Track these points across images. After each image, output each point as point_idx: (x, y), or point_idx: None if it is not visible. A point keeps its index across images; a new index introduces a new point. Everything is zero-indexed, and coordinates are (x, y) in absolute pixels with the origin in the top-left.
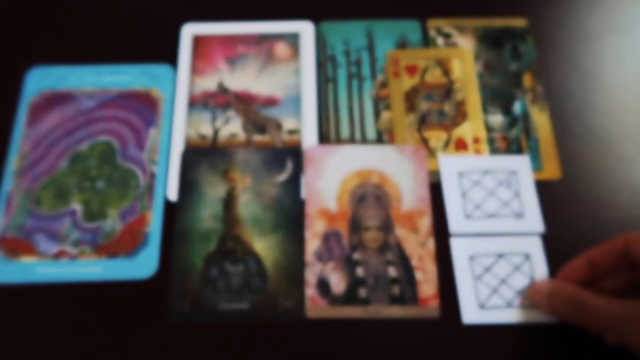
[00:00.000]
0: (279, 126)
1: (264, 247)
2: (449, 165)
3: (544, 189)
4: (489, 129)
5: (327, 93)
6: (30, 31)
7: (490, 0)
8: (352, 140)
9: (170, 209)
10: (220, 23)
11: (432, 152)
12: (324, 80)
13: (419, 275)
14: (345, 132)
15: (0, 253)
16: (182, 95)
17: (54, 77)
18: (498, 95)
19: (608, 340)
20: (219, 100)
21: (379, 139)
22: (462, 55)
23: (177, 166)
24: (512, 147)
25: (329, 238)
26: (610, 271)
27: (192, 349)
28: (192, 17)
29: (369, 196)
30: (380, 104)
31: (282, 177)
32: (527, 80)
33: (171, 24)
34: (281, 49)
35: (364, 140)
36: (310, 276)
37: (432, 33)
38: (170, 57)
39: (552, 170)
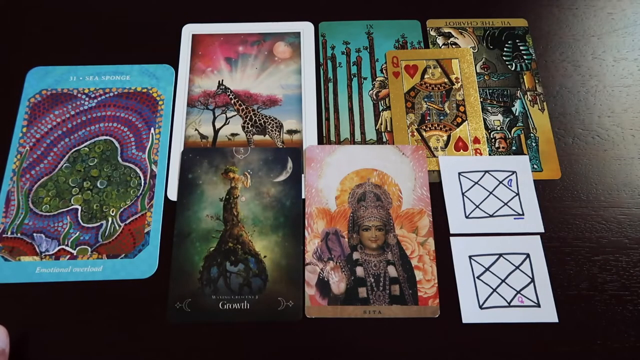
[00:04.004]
0: (279, 126)
1: (264, 247)
2: (449, 165)
3: (543, 189)
4: (489, 129)
5: (327, 93)
6: (30, 31)
7: (491, 0)
8: (352, 140)
9: (170, 208)
10: (220, 23)
11: (432, 152)
12: (324, 80)
13: (419, 275)
14: (345, 132)
15: (0, 253)
16: (182, 95)
17: (54, 77)
18: (498, 95)
19: None
20: (219, 100)
21: (379, 139)
22: (462, 55)
23: (177, 166)
24: (512, 147)
25: (329, 238)
26: None
27: (191, 348)
28: (192, 18)
29: (369, 196)
30: (380, 103)
31: (282, 177)
32: (527, 80)
33: (172, 25)
34: (281, 49)
35: (364, 140)
36: (310, 276)
37: (432, 33)
38: (170, 57)
39: (551, 170)
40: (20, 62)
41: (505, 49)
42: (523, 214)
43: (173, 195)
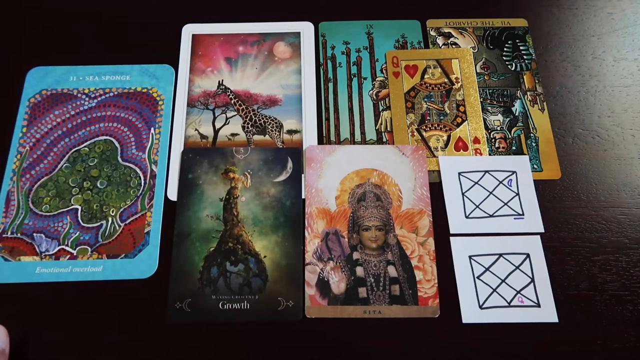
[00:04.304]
0: (279, 126)
1: (264, 247)
2: (449, 165)
3: (543, 189)
4: (489, 129)
5: (327, 93)
6: (30, 31)
7: (490, 0)
8: (352, 140)
9: (170, 208)
10: (220, 23)
11: (432, 152)
12: (324, 80)
13: (419, 275)
14: (345, 132)
15: (0, 253)
16: (182, 95)
17: (54, 77)
18: (498, 95)
19: None
20: (219, 100)
21: (379, 139)
22: (462, 55)
23: (177, 166)
24: (512, 147)
25: (329, 238)
26: None
27: (191, 348)
28: (192, 18)
29: (369, 196)
30: (380, 103)
31: (282, 177)
32: (527, 80)
33: (172, 25)
34: (281, 49)
35: (364, 140)
36: (310, 276)
37: (432, 33)
38: (170, 57)
39: (551, 170)
40: (20, 62)
41: (505, 49)
42: (523, 214)
43: (173, 195)
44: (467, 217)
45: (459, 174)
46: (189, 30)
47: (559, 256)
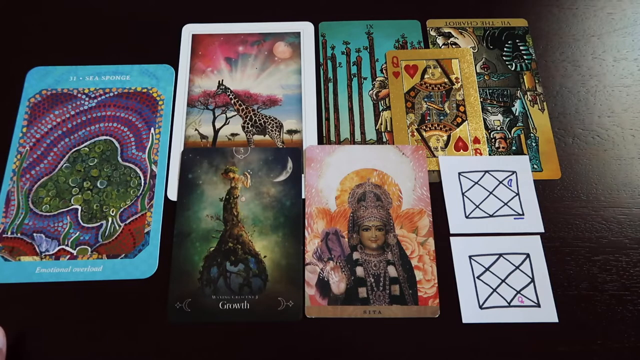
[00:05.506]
0: (279, 126)
1: (264, 247)
2: (449, 165)
3: (543, 189)
4: (489, 129)
5: (327, 93)
6: (30, 31)
7: (491, 0)
8: (352, 140)
9: (170, 208)
10: (220, 23)
11: (432, 152)
12: (324, 80)
13: (419, 275)
14: (345, 132)
15: (0, 253)
16: (182, 95)
17: (53, 77)
18: (498, 95)
19: None
20: (219, 100)
21: (379, 139)
22: (462, 55)
23: (177, 166)
24: (512, 147)
25: (329, 238)
26: None
27: (192, 349)
28: (192, 18)
29: (369, 196)
30: (380, 103)
31: (282, 177)
32: (527, 80)
33: (172, 25)
34: (281, 49)
35: (364, 140)
36: (310, 276)
37: (432, 33)
38: (170, 57)
39: (551, 170)
40: (20, 62)
41: (505, 49)
42: (523, 214)
43: (173, 195)
44: (467, 217)
45: (459, 174)
46: (189, 30)
47: (559, 256)
